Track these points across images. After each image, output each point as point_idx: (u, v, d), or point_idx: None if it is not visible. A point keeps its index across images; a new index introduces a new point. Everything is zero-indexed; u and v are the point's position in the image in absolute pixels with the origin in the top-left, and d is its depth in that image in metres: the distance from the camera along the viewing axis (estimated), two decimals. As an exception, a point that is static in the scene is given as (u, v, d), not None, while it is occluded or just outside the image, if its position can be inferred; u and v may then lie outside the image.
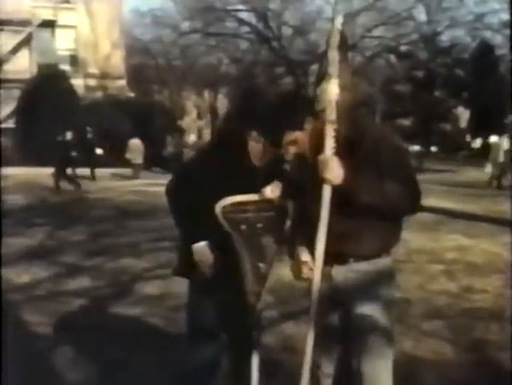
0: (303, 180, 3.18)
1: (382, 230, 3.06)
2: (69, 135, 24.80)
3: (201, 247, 3.44)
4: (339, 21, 3.00)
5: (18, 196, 16.94)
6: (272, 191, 3.29)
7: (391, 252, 3.15)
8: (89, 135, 25.57)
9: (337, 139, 2.93)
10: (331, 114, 2.95)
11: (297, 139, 3.06)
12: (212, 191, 3.29)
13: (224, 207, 3.26)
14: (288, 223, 3.35)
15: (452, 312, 6.24)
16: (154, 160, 28.72)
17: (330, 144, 2.96)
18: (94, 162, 24.61)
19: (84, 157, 24.21)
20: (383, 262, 3.11)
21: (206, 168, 3.46)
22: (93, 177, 24.12)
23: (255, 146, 3.43)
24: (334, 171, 2.91)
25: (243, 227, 3.28)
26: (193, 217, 3.45)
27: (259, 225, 3.31)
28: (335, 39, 2.96)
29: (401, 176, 2.96)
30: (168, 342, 5.31)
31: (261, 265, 3.34)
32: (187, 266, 3.52)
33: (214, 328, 3.56)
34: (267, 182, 3.36)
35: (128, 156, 26.28)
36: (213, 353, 3.58)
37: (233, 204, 3.28)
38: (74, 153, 24.42)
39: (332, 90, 2.95)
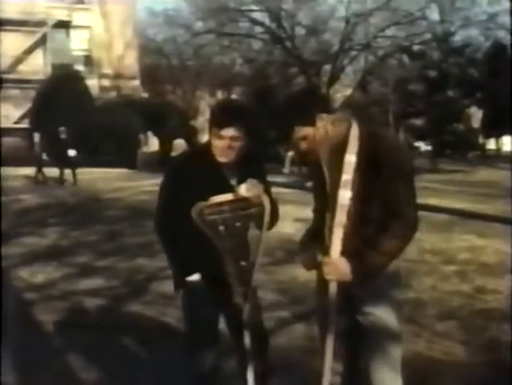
0: (318, 182, 3.23)
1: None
2: (37, 137, 24.51)
3: (195, 281, 3.47)
4: (354, 128, 3.06)
5: (30, 196, 17.05)
6: (247, 189, 3.28)
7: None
8: (62, 136, 24.25)
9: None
10: (341, 218, 3.03)
11: (307, 136, 3.08)
12: (192, 200, 3.28)
13: (200, 210, 3.25)
14: (267, 219, 3.31)
15: (464, 313, 6.25)
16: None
17: (337, 247, 3.05)
18: (66, 164, 22.91)
19: (54, 159, 23.54)
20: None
21: (182, 182, 3.46)
22: (72, 180, 22.50)
23: (218, 143, 3.38)
24: (340, 273, 3.03)
25: (221, 228, 3.27)
26: (185, 251, 3.48)
27: (238, 224, 3.29)
28: (354, 144, 3.02)
29: (400, 202, 3.01)
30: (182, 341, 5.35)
31: (243, 263, 3.32)
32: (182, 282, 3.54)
33: (212, 331, 3.55)
34: (243, 180, 3.37)
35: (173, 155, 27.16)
36: (212, 357, 3.57)
37: (209, 206, 3.26)
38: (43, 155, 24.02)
39: (345, 195, 3.02)
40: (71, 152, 23.25)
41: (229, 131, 3.34)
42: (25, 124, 34.26)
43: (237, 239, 3.30)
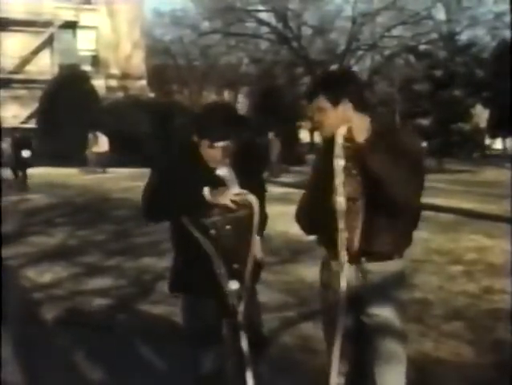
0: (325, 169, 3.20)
1: (395, 229, 3.06)
2: None
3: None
4: (340, 132, 3.04)
5: (40, 196, 17.10)
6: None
7: (403, 254, 3.16)
8: (16, 135, 23.01)
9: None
10: (342, 222, 3.03)
11: (324, 110, 3.08)
12: (185, 198, 3.30)
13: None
14: (256, 220, 3.32)
15: (471, 313, 6.25)
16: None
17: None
18: (19, 166, 21.23)
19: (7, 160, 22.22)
20: (395, 264, 3.12)
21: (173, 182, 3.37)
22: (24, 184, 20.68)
23: (210, 152, 3.36)
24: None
25: (212, 232, 3.26)
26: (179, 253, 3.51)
27: (228, 227, 3.28)
28: (339, 150, 3.02)
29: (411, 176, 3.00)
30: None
31: (236, 266, 3.33)
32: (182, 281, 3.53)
33: (212, 330, 3.51)
34: (240, 180, 3.40)
35: None
36: (215, 357, 3.52)
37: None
38: None
39: (340, 201, 3.02)
40: (25, 153, 21.80)
41: (222, 143, 3.34)
42: (32, 124, 34.38)
43: (229, 242, 3.30)
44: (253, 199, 3.31)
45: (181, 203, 3.30)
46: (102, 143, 27.75)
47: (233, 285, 3.33)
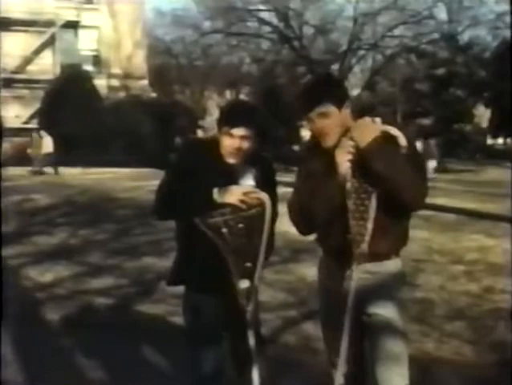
0: (314, 171, 3.19)
1: (391, 228, 3.06)
2: None
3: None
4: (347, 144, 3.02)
5: (41, 196, 17.10)
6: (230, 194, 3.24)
7: (399, 253, 3.17)
8: None
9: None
10: (351, 223, 3.03)
11: (329, 114, 3.03)
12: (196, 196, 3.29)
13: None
14: (268, 219, 3.27)
15: (473, 313, 6.24)
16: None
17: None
18: None
19: None
20: (393, 264, 3.13)
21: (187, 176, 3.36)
22: None
23: (228, 142, 3.34)
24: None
25: (224, 230, 3.23)
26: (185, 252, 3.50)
27: (240, 226, 3.24)
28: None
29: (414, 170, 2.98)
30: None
31: (248, 264, 3.29)
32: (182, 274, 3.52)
33: (215, 329, 3.48)
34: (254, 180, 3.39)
35: None
36: (216, 357, 3.49)
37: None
38: None
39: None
40: None
41: (240, 131, 3.30)
42: (34, 124, 34.39)
43: (242, 241, 3.27)
44: (265, 196, 3.26)
45: (194, 203, 3.29)
46: (46, 144, 27.16)
47: (244, 284, 3.31)
